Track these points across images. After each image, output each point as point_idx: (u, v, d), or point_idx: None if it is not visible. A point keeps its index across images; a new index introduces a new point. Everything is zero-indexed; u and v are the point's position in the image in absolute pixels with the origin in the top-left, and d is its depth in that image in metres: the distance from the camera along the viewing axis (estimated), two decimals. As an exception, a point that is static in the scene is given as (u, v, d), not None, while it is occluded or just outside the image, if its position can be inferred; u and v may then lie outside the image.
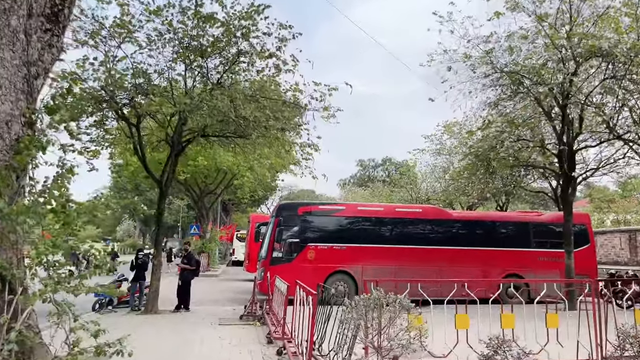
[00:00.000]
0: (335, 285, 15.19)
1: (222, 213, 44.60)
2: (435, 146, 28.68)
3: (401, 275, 15.34)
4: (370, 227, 15.84)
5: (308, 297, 7.01)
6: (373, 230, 15.85)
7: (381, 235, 15.84)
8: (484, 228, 16.44)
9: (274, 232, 15.21)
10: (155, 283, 12.10)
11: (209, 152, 16.73)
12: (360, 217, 15.80)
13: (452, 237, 16.11)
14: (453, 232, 16.20)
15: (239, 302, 15.56)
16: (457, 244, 15.96)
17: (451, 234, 16.16)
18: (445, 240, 16.01)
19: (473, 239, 16.14)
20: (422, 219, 16.07)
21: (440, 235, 16.09)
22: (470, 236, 16.20)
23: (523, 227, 16.59)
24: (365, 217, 15.82)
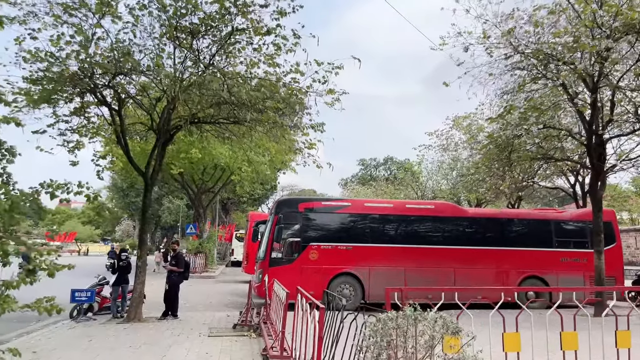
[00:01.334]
0: (340, 289, 13.80)
1: (222, 212, 43.20)
2: (442, 142, 27.21)
3: (412, 278, 13.98)
4: (378, 225, 14.41)
5: (313, 310, 5.57)
6: (381, 228, 14.43)
7: (390, 234, 14.41)
8: (501, 226, 14.99)
9: (273, 231, 13.79)
10: (139, 287, 10.68)
11: (203, 143, 15.29)
12: (367, 214, 14.37)
13: (467, 236, 14.67)
14: (468, 231, 14.76)
15: (235, 307, 14.15)
16: (473, 244, 14.52)
17: (466, 233, 14.72)
18: (460, 239, 14.58)
19: (490, 238, 14.71)
20: (434, 216, 14.63)
21: (455, 234, 14.65)
22: (486, 235, 14.77)
23: (544, 225, 15.14)
24: (372, 214, 14.39)
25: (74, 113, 12.13)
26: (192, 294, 17.56)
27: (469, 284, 14.17)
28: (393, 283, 13.96)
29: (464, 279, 14.17)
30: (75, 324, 10.51)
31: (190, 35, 10.27)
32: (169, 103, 10.78)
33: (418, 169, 31.08)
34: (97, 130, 12.91)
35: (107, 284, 11.78)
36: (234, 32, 10.23)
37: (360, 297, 13.85)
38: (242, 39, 10.45)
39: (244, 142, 12.00)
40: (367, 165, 76.54)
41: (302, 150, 11.00)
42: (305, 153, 11.06)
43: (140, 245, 10.90)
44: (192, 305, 14.63)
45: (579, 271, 14.67)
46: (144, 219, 11.01)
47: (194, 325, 10.33)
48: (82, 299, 10.69)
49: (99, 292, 11.77)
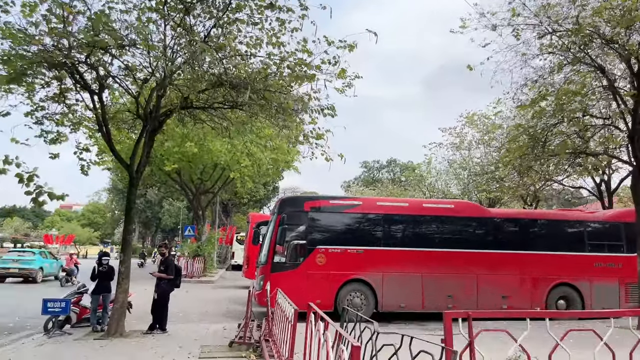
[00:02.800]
0: (350, 297, 12.28)
1: (222, 214, 41.69)
2: (455, 139, 25.71)
3: (430, 286, 12.47)
4: (392, 226, 12.89)
5: (340, 344, 3.99)
6: (396, 230, 12.90)
7: (406, 236, 12.88)
8: (528, 228, 13.45)
9: (276, 232, 12.29)
10: (121, 297, 9.16)
11: (199, 134, 13.79)
12: (380, 215, 12.84)
13: (490, 239, 13.13)
14: (492, 233, 13.22)
15: (234, 317, 12.62)
16: (497, 247, 12.98)
17: (489, 235, 13.18)
18: (483, 242, 13.04)
19: (516, 241, 13.16)
20: (454, 216, 13.10)
21: (477, 237, 13.11)
22: (512, 238, 13.23)
23: (576, 227, 13.60)
24: (386, 214, 12.86)
25: (52, 99, 10.71)
26: (187, 301, 16.03)
27: (493, 292, 12.66)
28: (409, 291, 12.47)
29: (487, 287, 12.64)
30: (46, 339, 8.99)
31: (184, 10, 8.82)
32: (158, 85, 9.30)
33: (427, 169, 29.59)
34: (80, 121, 11.46)
35: (87, 292, 10.26)
36: (230, 5, 8.77)
37: (372, 306, 12.32)
38: (241, 16, 9.02)
39: (244, 131, 10.49)
40: (369, 168, 75.04)
41: (308, 139, 9.47)
42: (314, 143, 9.53)
43: (124, 247, 9.39)
44: (186, 314, 13.11)
45: (613, 277, 13.13)
46: (129, 217, 9.50)
47: (184, 341, 8.80)
48: (56, 310, 9.18)
49: (78, 302, 10.25)
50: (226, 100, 9.34)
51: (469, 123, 25.76)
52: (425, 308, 12.50)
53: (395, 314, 12.61)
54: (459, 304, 12.53)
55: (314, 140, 9.46)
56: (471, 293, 12.61)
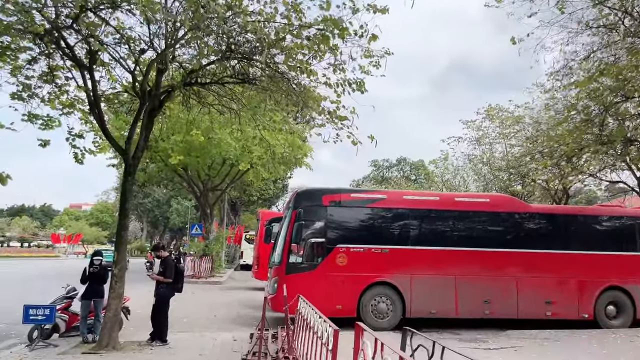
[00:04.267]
0: (375, 302, 10.83)
1: (230, 213, 40.37)
2: (476, 133, 24.16)
3: (465, 289, 10.98)
4: (421, 222, 11.40)
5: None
6: (425, 227, 11.41)
7: (437, 233, 11.39)
8: (574, 225, 11.88)
9: (291, 230, 10.86)
10: (114, 303, 7.76)
11: (205, 122, 12.35)
12: (407, 210, 11.36)
13: (531, 237, 11.60)
14: (533, 231, 11.69)
15: (245, 323, 11.22)
16: (539, 246, 11.45)
17: (530, 233, 11.65)
18: (523, 241, 11.51)
19: (560, 240, 11.61)
20: (490, 212, 11.58)
21: (516, 235, 11.58)
22: (556, 236, 11.67)
23: (627, 224, 12.03)
24: (414, 209, 11.38)
25: (40, 78, 9.39)
26: (193, 304, 14.66)
27: (536, 297, 11.15)
28: (441, 295, 10.99)
29: (529, 291, 11.13)
30: (27, 351, 7.62)
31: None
32: (158, 55, 7.91)
33: (444, 165, 28.05)
34: (72, 102, 10.11)
35: (77, 297, 8.88)
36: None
37: (400, 312, 10.86)
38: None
39: (256, 114, 9.06)
40: (379, 167, 73.36)
41: (332, 118, 8.00)
42: (339, 124, 8.06)
43: (118, 245, 7.99)
44: (192, 320, 11.72)
45: (670, 280, 11.57)
46: (124, 211, 8.10)
47: (187, 357, 7.39)
48: (38, 318, 7.81)
49: (67, 308, 8.88)
50: (236, 74, 7.92)
51: (488, 117, 24.23)
52: (459, 314, 11.01)
53: (425, 320, 11.13)
54: (497, 310, 11.05)
55: (338, 121, 8.00)
56: (511, 298, 11.10)
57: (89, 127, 10.81)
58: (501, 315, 11.13)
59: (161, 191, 64.90)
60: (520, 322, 11.16)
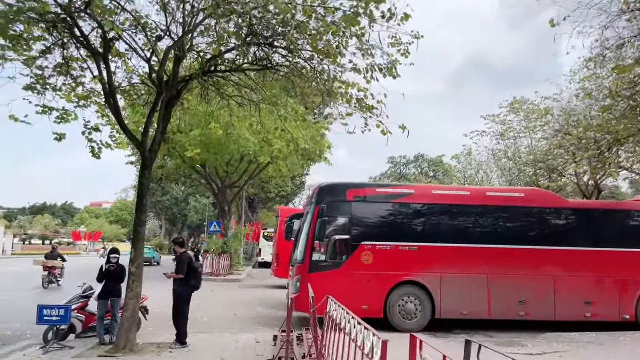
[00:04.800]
0: (403, 302, 10.26)
1: (248, 210, 40.07)
2: (500, 127, 23.33)
3: (498, 289, 10.34)
4: (451, 218, 10.76)
5: None
6: (456, 223, 10.77)
7: (468, 230, 10.74)
8: (614, 221, 11.12)
9: (314, 226, 10.33)
10: (132, 303, 7.35)
11: (223, 115, 11.87)
12: (436, 205, 10.75)
13: (569, 234, 10.87)
14: (570, 227, 10.96)
15: (266, 324, 10.77)
16: (577, 244, 10.71)
17: (568, 229, 10.93)
18: (561, 237, 10.79)
19: (599, 237, 10.85)
20: (525, 206, 10.88)
21: (553, 231, 10.86)
22: (595, 232, 10.92)
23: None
24: (443, 204, 10.76)
25: (55, 69, 9.03)
26: (212, 302, 14.27)
27: (574, 297, 10.44)
28: (472, 295, 10.35)
29: (567, 291, 10.42)
30: (41, 353, 7.25)
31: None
32: (175, 42, 7.45)
33: (467, 160, 27.23)
34: (88, 94, 9.74)
35: (94, 296, 8.50)
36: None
37: (429, 313, 10.26)
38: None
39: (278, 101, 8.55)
40: (396, 163, 72.40)
41: (361, 105, 7.43)
42: (367, 112, 7.48)
43: (135, 242, 7.56)
44: (211, 319, 11.31)
45: None
46: (141, 206, 7.68)
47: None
48: (53, 319, 7.43)
49: (83, 307, 8.50)
50: (258, 60, 7.41)
51: (513, 110, 23.39)
52: (492, 315, 10.36)
53: (456, 321, 10.53)
54: (532, 311, 10.37)
55: (366, 109, 7.43)
56: (547, 298, 10.40)
57: (105, 121, 10.44)
58: (537, 317, 10.45)
59: (179, 188, 65.15)
60: (555, 324, 10.48)
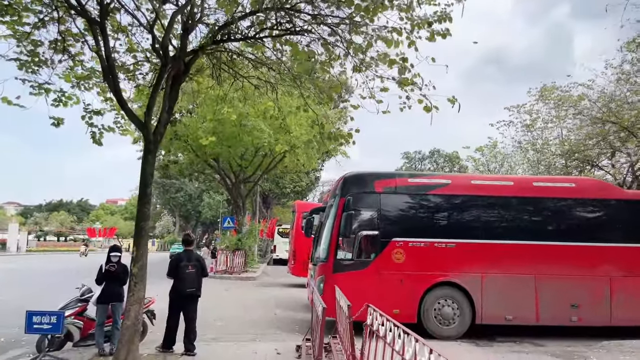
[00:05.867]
0: (439, 306, 9.06)
1: (262, 206, 39.07)
2: (528, 117, 21.91)
3: (547, 291, 9.09)
4: (494, 212, 9.52)
5: None
6: (499, 217, 9.53)
7: (512, 225, 9.49)
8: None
9: (338, 220, 9.17)
10: (134, 309, 6.27)
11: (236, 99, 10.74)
12: (476, 197, 9.51)
13: (628, 229, 9.53)
14: (630, 221, 9.61)
15: (286, 329, 9.66)
16: (637, 240, 9.42)
17: (627, 224, 9.58)
18: (618, 233, 9.46)
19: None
20: (578, 198, 9.60)
21: (610, 226, 9.54)
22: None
23: None
24: (485, 196, 9.52)
25: (51, 46, 8.04)
26: (227, 304, 13.25)
27: (633, 300, 9.15)
28: (518, 298, 9.11)
29: (625, 293, 9.13)
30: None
31: None
32: (182, 7, 6.34)
33: (491, 153, 25.80)
34: (89, 75, 8.71)
35: (92, 300, 7.44)
36: None
37: (468, 318, 9.05)
38: None
39: (307, 68, 7.37)
40: (411, 159, 70.78)
41: (404, 73, 6.22)
42: (409, 86, 6.27)
43: (138, 239, 6.48)
44: (226, 323, 10.25)
45: None
46: (144, 198, 6.59)
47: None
48: (44, 327, 6.39)
49: (81, 312, 7.46)
50: (278, 24, 6.26)
51: (542, 98, 21.93)
52: (540, 321, 9.11)
53: (499, 327, 9.30)
54: (586, 316, 9.10)
55: (409, 83, 6.22)
56: (603, 302, 9.12)
57: (109, 106, 9.40)
58: (591, 323, 9.18)
59: (193, 185, 64.59)
60: (608, 330, 9.23)
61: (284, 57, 8.21)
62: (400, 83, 6.12)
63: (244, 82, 9.45)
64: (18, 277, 21.68)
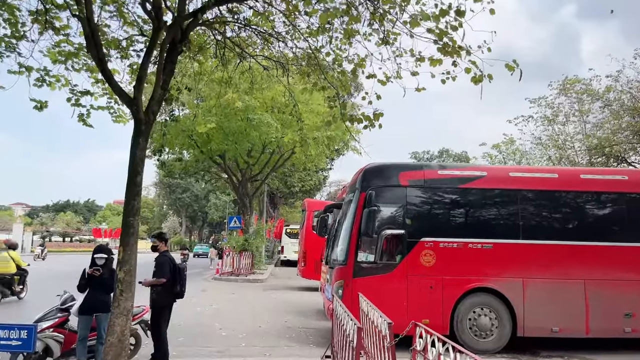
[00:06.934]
0: (475, 315, 7.86)
1: (269, 206, 37.95)
2: (551, 110, 20.64)
3: (599, 299, 7.87)
4: (536, 208, 8.29)
5: None
6: (542, 214, 8.30)
7: (558, 223, 8.28)
8: None
9: (358, 218, 7.99)
10: (119, 323, 5.12)
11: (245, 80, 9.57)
12: (516, 191, 8.29)
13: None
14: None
15: (299, 340, 8.51)
16: None
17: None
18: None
19: None
20: (631, 193, 8.36)
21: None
22: None
23: None
24: (526, 190, 8.31)
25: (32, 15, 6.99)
26: (233, 309, 12.11)
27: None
28: (565, 306, 7.88)
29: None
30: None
31: None
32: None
33: (509, 150, 24.51)
34: (77, 53, 7.62)
35: (72, 310, 6.29)
36: None
37: (508, 330, 7.83)
38: None
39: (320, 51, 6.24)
40: (419, 159, 69.69)
41: (443, 35, 5.02)
42: (459, 51, 5.07)
43: (125, 238, 5.34)
44: (231, 332, 9.10)
45: None
46: (133, 187, 5.44)
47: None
48: (12, 344, 5.24)
49: (63, 323, 6.31)
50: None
51: (564, 92, 20.65)
52: (590, 333, 7.88)
53: (544, 340, 8.07)
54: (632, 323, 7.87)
55: (458, 49, 5.03)
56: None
57: (101, 90, 8.28)
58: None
59: (199, 186, 63.66)
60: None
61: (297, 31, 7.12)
62: (445, 47, 4.91)
63: (251, 63, 8.34)
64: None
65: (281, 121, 18.19)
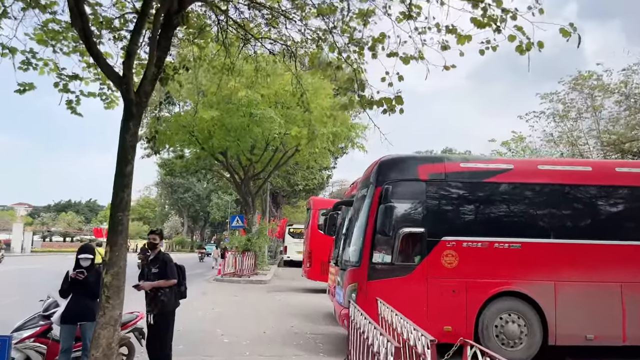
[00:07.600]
0: (502, 321, 7.10)
1: (272, 205, 37.24)
2: (562, 106, 19.90)
3: (636, 303, 7.13)
4: (568, 205, 7.54)
5: None
6: (575, 211, 7.56)
7: (592, 221, 7.53)
8: None
9: (373, 215, 7.24)
10: (105, 335, 4.39)
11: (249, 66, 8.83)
12: (546, 186, 7.55)
13: None
14: None
15: (307, 347, 7.79)
16: None
17: None
18: None
19: None
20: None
21: None
22: None
23: None
24: (557, 184, 7.55)
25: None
26: (236, 313, 11.39)
27: None
28: (600, 312, 7.13)
29: None
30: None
31: None
32: None
33: (518, 147, 23.76)
34: (64, 31, 6.93)
35: (54, 318, 5.55)
36: None
37: (539, 337, 7.08)
38: None
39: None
40: (422, 159, 69.03)
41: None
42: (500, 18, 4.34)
43: (113, 237, 4.63)
44: (234, 338, 8.37)
45: None
46: (122, 177, 4.72)
47: None
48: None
49: (46, 332, 5.58)
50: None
51: (576, 87, 19.90)
52: (627, 341, 7.13)
53: (577, 349, 7.32)
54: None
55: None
56: None
57: (93, 75, 7.56)
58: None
59: (201, 185, 62.98)
60: None
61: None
62: (485, 12, 4.17)
63: (256, 47, 7.62)
64: (18, 279, 19.99)
65: (285, 117, 17.49)
